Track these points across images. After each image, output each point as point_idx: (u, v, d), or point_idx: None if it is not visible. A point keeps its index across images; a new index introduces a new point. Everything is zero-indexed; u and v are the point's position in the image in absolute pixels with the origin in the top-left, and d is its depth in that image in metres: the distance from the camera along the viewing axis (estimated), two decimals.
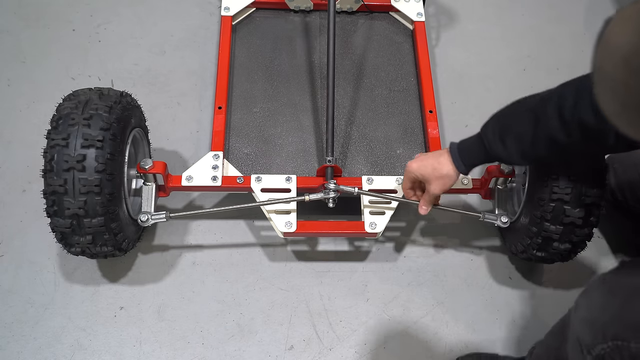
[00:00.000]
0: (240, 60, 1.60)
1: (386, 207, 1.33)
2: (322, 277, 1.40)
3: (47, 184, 1.08)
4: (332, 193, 1.27)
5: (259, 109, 1.52)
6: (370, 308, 1.37)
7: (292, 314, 1.35)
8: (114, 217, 1.15)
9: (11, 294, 1.33)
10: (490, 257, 1.47)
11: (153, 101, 1.64)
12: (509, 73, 1.83)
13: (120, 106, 1.17)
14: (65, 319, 1.31)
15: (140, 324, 1.31)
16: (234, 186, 1.34)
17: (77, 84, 1.66)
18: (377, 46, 1.67)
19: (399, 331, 1.34)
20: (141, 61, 1.74)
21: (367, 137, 1.50)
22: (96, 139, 1.09)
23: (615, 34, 0.55)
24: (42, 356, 1.26)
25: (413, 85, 1.60)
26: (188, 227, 1.46)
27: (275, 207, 1.31)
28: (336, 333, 1.33)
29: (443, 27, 1.92)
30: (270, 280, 1.39)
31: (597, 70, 0.57)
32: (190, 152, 1.58)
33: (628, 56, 0.53)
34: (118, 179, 1.15)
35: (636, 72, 0.52)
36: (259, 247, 1.44)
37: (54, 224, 1.11)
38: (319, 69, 1.60)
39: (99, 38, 1.78)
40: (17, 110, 1.62)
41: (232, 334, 1.31)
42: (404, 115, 1.54)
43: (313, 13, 1.72)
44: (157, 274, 1.38)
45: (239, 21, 1.68)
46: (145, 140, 1.39)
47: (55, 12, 1.83)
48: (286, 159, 1.44)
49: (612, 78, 0.55)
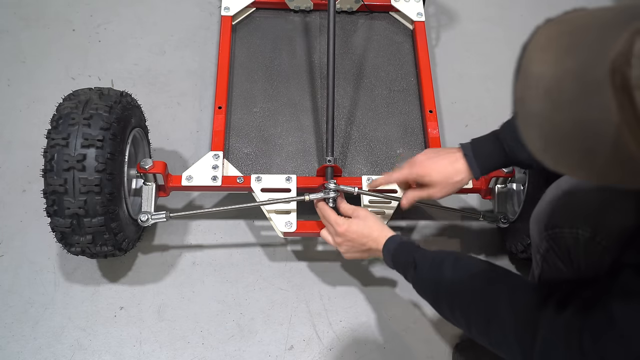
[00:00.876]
0: (240, 60, 1.60)
1: (386, 207, 1.33)
2: (322, 277, 1.40)
3: (47, 184, 1.08)
4: (332, 193, 1.27)
5: (259, 108, 1.52)
6: (370, 308, 1.37)
7: (292, 314, 1.35)
8: (114, 217, 1.15)
9: (11, 294, 1.33)
10: (490, 257, 1.47)
11: (153, 101, 1.64)
12: (509, 73, 1.81)
13: (121, 106, 1.17)
14: (65, 319, 1.31)
15: (140, 324, 1.31)
16: (234, 186, 1.34)
17: (77, 84, 1.66)
18: (377, 46, 1.67)
19: (399, 331, 1.34)
20: (141, 61, 1.74)
21: (367, 137, 1.50)
22: (96, 139, 1.09)
23: (535, 63, 0.51)
24: (42, 356, 1.26)
25: (413, 85, 1.60)
26: (188, 227, 1.46)
27: (275, 207, 1.31)
28: (336, 333, 1.33)
29: (443, 27, 1.92)
30: (270, 280, 1.39)
31: (518, 103, 0.54)
32: (190, 152, 1.58)
33: (550, 88, 0.49)
34: (118, 178, 1.16)
35: (558, 108, 0.49)
36: (259, 247, 1.44)
37: (54, 223, 1.11)
38: (319, 68, 1.60)
39: (99, 38, 1.78)
40: (17, 110, 1.62)
41: (232, 334, 1.31)
42: (404, 115, 1.54)
43: (313, 13, 1.72)
44: (157, 274, 1.38)
45: (239, 21, 1.68)
46: (145, 140, 1.39)
47: (55, 12, 1.83)
48: (286, 158, 1.44)
49: (535, 113, 0.52)
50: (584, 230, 0.86)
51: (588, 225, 0.85)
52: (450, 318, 0.98)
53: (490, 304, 0.89)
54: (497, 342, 0.87)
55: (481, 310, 0.90)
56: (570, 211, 0.88)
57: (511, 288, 0.89)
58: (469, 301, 0.93)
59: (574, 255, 0.89)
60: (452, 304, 0.96)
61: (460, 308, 0.94)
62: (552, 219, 0.91)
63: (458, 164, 1.09)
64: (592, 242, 0.85)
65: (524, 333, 0.82)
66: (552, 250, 0.92)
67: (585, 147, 0.49)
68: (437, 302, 1.00)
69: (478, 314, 0.91)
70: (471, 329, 0.92)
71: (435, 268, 1.00)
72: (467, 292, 0.94)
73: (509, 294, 0.88)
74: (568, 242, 0.88)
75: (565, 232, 0.88)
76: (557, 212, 0.90)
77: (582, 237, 0.86)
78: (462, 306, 0.94)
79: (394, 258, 1.09)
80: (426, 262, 1.02)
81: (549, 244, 0.92)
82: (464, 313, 0.93)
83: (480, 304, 0.91)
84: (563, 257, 0.91)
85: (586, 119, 0.47)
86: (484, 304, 0.90)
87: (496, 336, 0.87)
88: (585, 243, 0.86)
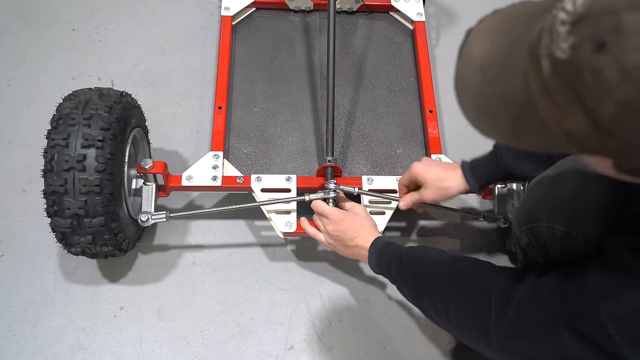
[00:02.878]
0: (240, 60, 1.60)
1: (386, 207, 1.33)
2: (322, 277, 1.40)
3: (47, 184, 1.08)
4: (332, 193, 1.27)
5: (259, 108, 1.52)
6: (370, 308, 1.37)
7: (292, 314, 1.35)
8: (114, 217, 1.15)
9: (11, 294, 1.33)
10: (490, 257, 1.47)
11: (153, 101, 1.64)
12: None
13: (121, 106, 1.17)
14: (65, 319, 1.31)
15: (140, 324, 1.31)
16: (234, 186, 1.34)
17: (77, 84, 1.65)
18: (377, 46, 1.67)
19: (399, 331, 1.34)
20: (141, 61, 1.74)
21: (367, 137, 1.50)
22: (96, 139, 1.09)
23: (475, 45, 0.58)
24: (42, 356, 1.26)
25: (413, 85, 1.60)
26: (188, 227, 1.46)
27: (275, 207, 1.31)
28: (336, 333, 1.33)
29: (443, 27, 1.92)
30: (270, 280, 1.39)
31: (458, 78, 0.61)
32: (190, 152, 1.58)
33: (484, 66, 0.56)
34: (118, 179, 1.15)
35: (489, 81, 0.55)
36: (259, 247, 1.44)
37: (54, 224, 1.11)
38: (319, 69, 1.60)
39: (99, 38, 1.78)
40: (17, 110, 1.62)
41: (232, 334, 1.31)
42: (404, 115, 1.54)
43: (313, 13, 1.72)
44: (157, 274, 1.38)
45: (239, 21, 1.68)
46: (145, 140, 1.39)
47: (55, 12, 1.83)
48: (286, 158, 1.44)
49: (470, 86, 0.58)
50: (559, 225, 0.87)
51: (564, 219, 0.87)
52: (429, 309, 0.99)
53: (472, 284, 0.92)
54: (475, 321, 0.88)
55: (462, 292, 0.92)
56: (547, 205, 0.90)
57: (494, 268, 0.93)
58: (450, 284, 0.95)
59: (551, 249, 0.91)
60: (432, 291, 0.98)
61: (440, 294, 0.96)
62: (531, 213, 0.93)
63: (451, 172, 1.17)
64: (568, 237, 0.87)
65: (502, 306, 0.83)
66: (532, 244, 0.94)
67: (509, 116, 0.55)
68: (417, 292, 1.02)
69: (458, 297, 0.93)
70: (449, 314, 0.93)
71: (418, 259, 1.04)
72: (448, 275, 0.97)
73: (493, 273, 0.91)
74: (545, 236, 0.90)
75: (542, 226, 0.90)
76: (536, 206, 0.92)
77: (558, 231, 0.88)
78: (443, 290, 0.96)
79: (379, 255, 1.12)
80: (411, 255, 1.06)
81: (528, 238, 0.94)
82: (443, 299, 0.95)
83: (462, 285, 0.93)
84: (541, 251, 0.93)
85: (510, 90, 0.54)
86: (467, 285, 0.93)
87: (472, 317, 0.89)
88: (561, 237, 0.88)
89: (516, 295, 0.82)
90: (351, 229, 1.17)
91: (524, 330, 0.80)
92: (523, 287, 0.82)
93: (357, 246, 1.16)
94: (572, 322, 0.73)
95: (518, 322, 0.81)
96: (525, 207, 0.94)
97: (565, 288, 0.75)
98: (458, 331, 0.93)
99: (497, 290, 0.86)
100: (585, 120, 0.48)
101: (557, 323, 0.75)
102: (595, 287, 0.71)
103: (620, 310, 0.68)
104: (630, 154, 0.50)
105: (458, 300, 0.92)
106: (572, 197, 0.86)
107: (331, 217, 1.20)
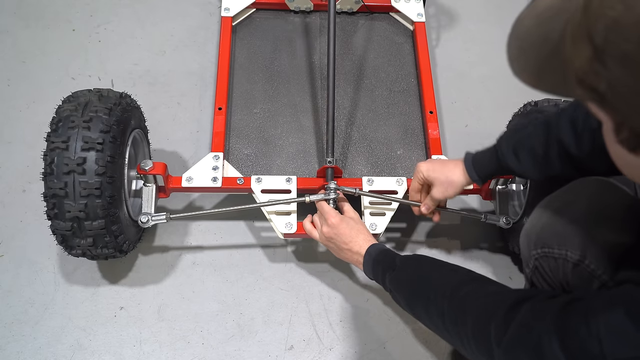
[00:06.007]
0: (241, 61, 1.60)
1: (386, 208, 1.33)
2: (322, 277, 1.41)
3: (48, 187, 1.08)
4: (333, 194, 1.27)
5: (259, 109, 1.52)
6: (370, 308, 1.37)
7: (292, 314, 1.35)
8: (114, 220, 1.15)
9: (11, 294, 1.33)
10: (491, 257, 1.47)
11: (153, 101, 1.64)
12: (509, 73, 1.81)
13: (120, 108, 1.17)
14: (65, 319, 1.31)
15: (140, 324, 1.32)
16: (234, 187, 1.34)
17: (77, 84, 1.66)
18: (377, 47, 1.67)
19: (399, 331, 1.35)
20: (141, 61, 1.74)
21: (368, 137, 1.50)
22: (96, 142, 1.09)
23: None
24: (42, 356, 1.26)
25: (413, 85, 1.60)
26: (188, 228, 1.46)
27: (275, 208, 1.31)
28: (336, 333, 1.33)
29: (443, 28, 1.92)
30: (270, 280, 1.40)
31: (517, 21, 0.62)
32: (190, 153, 1.58)
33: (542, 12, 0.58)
34: (118, 181, 1.15)
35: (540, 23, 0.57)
36: (259, 248, 1.44)
37: (54, 226, 1.11)
38: (319, 69, 1.60)
39: (99, 38, 1.78)
40: (17, 110, 1.62)
41: (232, 334, 1.32)
42: (404, 116, 1.54)
43: (313, 14, 1.72)
44: (157, 274, 1.39)
45: (239, 22, 1.68)
46: (145, 141, 1.39)
47: (55, 12, 1.83)
48: (286, 159, 1.44)
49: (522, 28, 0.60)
50: (572, 253, 0.86)
51: (577, 247, 0.85)
52: (425, 319, 0.98)
53: (467, 296, 0.88)
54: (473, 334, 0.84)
55: (457, 304, 0.89)
56: (559, 231, 0.88)
57: (488, 281, 0.90)
58: (444, 296, 0.91)
59: (561, 277, 0.90)
60: (427, 302, 0.95)
61: (435, 305, 0.93)
62: (541, 238, 0.91)
63: (454, 166, 1.17)
64: (581, 266, 0.85)
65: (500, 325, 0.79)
66: (540, 269, 0.93)
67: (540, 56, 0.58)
68: (411, 302, 1.00)
69: (452, 308, 0.89)
70: (446, 324, 0.90)
71: (412, 269, 1.03)
72: (443, 287, 0.93)
73: (491, 287, 0.88)
74: (557, 262, 0.89)
75: (554, 252, 0.89)
76: (546, 230, 0.91)
77: (570, 259, 0.87)
78: (437, 302, 0.92)
79: (374, 262, 1.11)
80: (405, 264, 1.05)
81: (537, 262, 0.93)
82: (438, 311, 0.92)
83: (457, 297, 0.89)
84: (550, 278, 0.92)
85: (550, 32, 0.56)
86: (461, 297, 0.89)
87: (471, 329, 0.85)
88: (573, 265, 0.86)
89: (519, 313, 0.77)
90: (346, 234, 1.17)
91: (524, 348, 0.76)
92: (525, 307, 0.78)
93: (351, 251, 1.17)
94: (574, 355, 0.69)
95: (519, 341, 0.76)
96: (535, 230, 0.93)
97: (568, 317, 0.70)
98: (458, 342, 0.89)
99: (495, 305, 0.82)
100: (588, 48, 0.49)
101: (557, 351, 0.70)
102: (603, 322, 0.66)
103: (626, 354, 0.64)
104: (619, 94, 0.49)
105: (454, 313, 0.89)
106: (588, 224, 0.85)
107: (328, 219, 1.20)
